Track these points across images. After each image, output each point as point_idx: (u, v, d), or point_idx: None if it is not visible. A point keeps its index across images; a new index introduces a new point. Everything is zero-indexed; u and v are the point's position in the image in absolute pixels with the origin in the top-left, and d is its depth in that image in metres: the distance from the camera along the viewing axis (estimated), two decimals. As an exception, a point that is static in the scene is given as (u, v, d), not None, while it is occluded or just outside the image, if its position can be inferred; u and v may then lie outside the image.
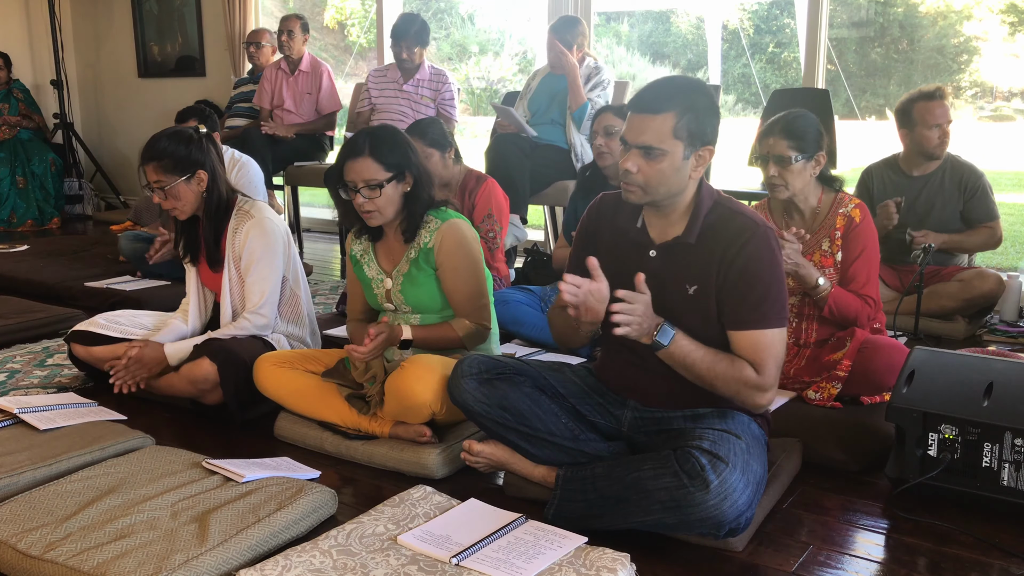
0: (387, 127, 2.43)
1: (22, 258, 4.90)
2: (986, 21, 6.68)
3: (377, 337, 2.25)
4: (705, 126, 1.86)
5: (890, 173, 3.63)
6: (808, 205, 2.64)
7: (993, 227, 3.53)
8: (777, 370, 1.88)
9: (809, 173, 2.58)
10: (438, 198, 2.46)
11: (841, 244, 2.59)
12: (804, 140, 2.54)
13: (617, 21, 7.54)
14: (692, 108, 1.84)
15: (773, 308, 1.86)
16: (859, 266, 2.58)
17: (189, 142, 2.61)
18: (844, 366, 2.51)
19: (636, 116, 1.86)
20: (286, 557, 1.71)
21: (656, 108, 1.84)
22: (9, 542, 1.76)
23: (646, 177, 1.85)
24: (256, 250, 2.65)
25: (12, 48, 6.90)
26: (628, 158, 1.86)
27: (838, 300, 2.54)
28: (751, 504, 1.78)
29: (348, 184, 2.34)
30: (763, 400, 1.89)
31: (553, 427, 2.01)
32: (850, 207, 2.60)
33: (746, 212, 1.92)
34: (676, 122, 1.83)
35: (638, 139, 1.84)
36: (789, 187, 2.57)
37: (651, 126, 1.83)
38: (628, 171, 1.86)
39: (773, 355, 1.86)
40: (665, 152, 1.83)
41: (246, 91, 5.74)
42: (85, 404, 2.62)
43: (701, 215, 1.91)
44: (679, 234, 1.93)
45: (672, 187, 1.88)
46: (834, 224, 2.61)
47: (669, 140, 1.83)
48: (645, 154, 1.84)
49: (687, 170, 1.87)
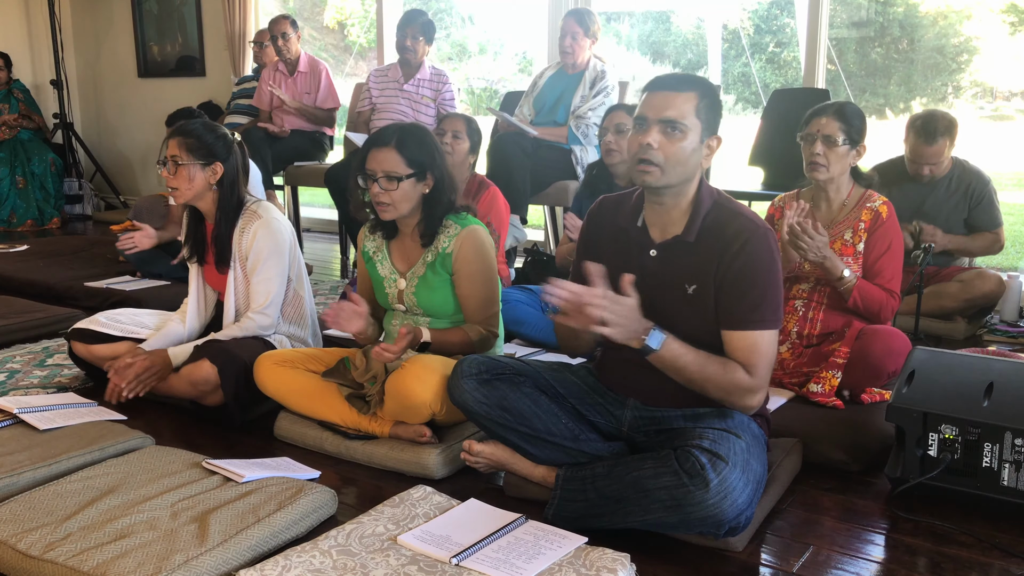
0: (419, 126, 2.44)
1: (22, 258, 4.90)
2: (986, 21, 6.68)
3: (405, 337, 2.25)
4: (716, 115, 1.91)
5: (897, 177, 3.61)
6: (839, 195, 2.71)
7: (997, 234, 3.54)
8: (768, 372, 1.89)
9: (849, 161, 2.66)
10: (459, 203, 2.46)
11: (866, 237, 2.64)
12: (852, 126, 2.63)
13: (617, 21, 7.53)
14: (709, 94, 1.89)
15: (769, 309, 1.87)
16: (885, 262, 2.62)
17: (219, 135, 2.68)
18: (842, 352, 2.53)
19: (659, 93, 1.87)
20: (286, 557, 1.71)
21: (679, 87, 1.87)
22: (9, 542, 1.76)
23: (666, 155, 1.85)
24: (263, 250, 2.66)
25: (12, 48, 6.91)
26: (648, 133, 1.85)
27: (864, 292, 2.57)
28: (751, 503, 1.78)
29: (368, 172, 2.34)
30: (753, 402, 1.88)
31: (553, 427, 2.01)
32: (878, 203, 2.66)
33: (746, 213, 1.92)
34: (698, 102, 1.86)
35: (661, 114, 1.85)
36: (829, 168, 2.64)
37: (675, 102, 1.85)
38: (649, 146, 1.84)
39: (766, 357, 1.87)
40: (687, 129, 1.85)
41: (248, 88, 5.74)
42: (85, 404, 2.62)
43: (701, 214, 1.91)
44: (679, 233, 1.93)
45: (688, 171, 1.88)
46: (859, 216, 2.66)
47: (691, 117, 1.85)
48: (667, 130, 1.85)
49: (699, 157, 1.89)
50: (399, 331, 2.25)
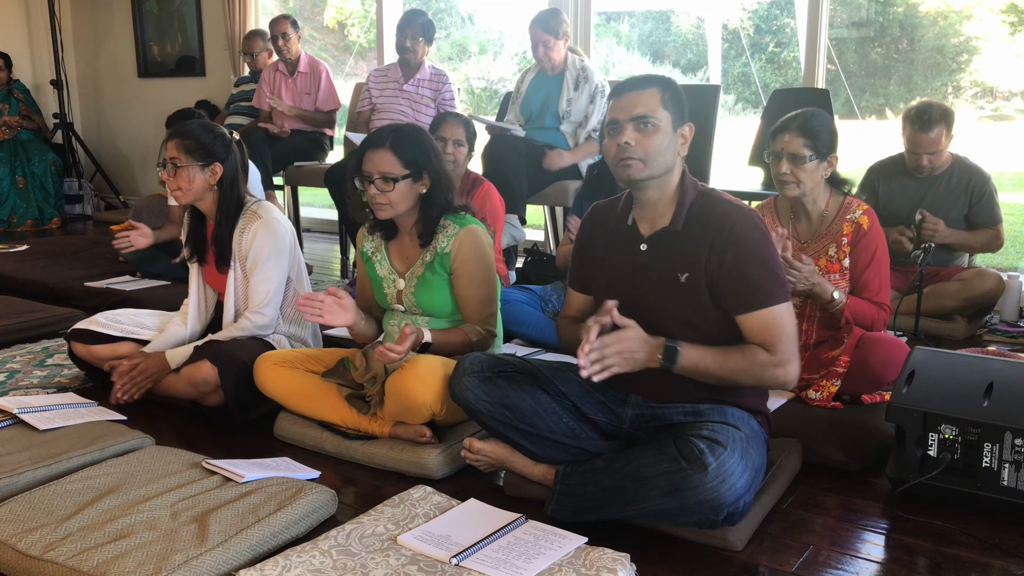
0: (414, 126, 2.44)
1: (22, 258, 4.90)
2: (986, 21, 6.68)
3: (409, 337, 2.25)
4: (682, 105, 1.97)
5: (896, 174, 3.61)
6: (816, 207, 2.63)
7: (997, 230, 3.54)
8: (791, 344, 1.90)
9: (820, 174, 2.57)
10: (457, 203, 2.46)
11: (849, 251, 2.58)
12: (819, 140, 2.54)
13: (617, 21, 7.54)
14: (670, 87, 1.96)
15: (775, 284, 1.89)
16: (871, 274, 2.57)
17: (216, 135, 2.67)
18: (843, 362, 2.52)
19: (624, 95, 1.95)
20: (286, 557, 1.71)
21: (641, 85, 1.96)
22: (9, 542, 1.76)
23: (644, 149, 1.91)
24: (263, 250, 2.66)
25: (12, 48, 6.90)
26: (623, 133, 1.92)
27: (855, 310, 2.54)
28: (749, 488, 1.81)
29: (364, 174, 2.35)
30: (786, 375, 1.90)
31: (554, 425, 2.02)
32: (858, 213, 2.59)
33: (729, 200, 1.97)
34: (662, 95, 1.93)
35: (631, 112, 1.92)
36: (800, 185, 2.57)
37: (641, 99, 1.93)
38: (627, 145, 1.91)
39: (784, 330, 1.89)
40: (659, 121, 1.91)
41: (247, 89, 5.74)
42: (85, 404, 2.62)
43: (687, 204, 1.96)
44: (666, 224, 1.97)
45: (668, 161, 1.94)
46: (841, 230, 2.60)
47: (659, 110, 1.92)
48: (639, 126, 1.91)
49: (675, 147, 1.95)
50: (403, 331, 2.25)
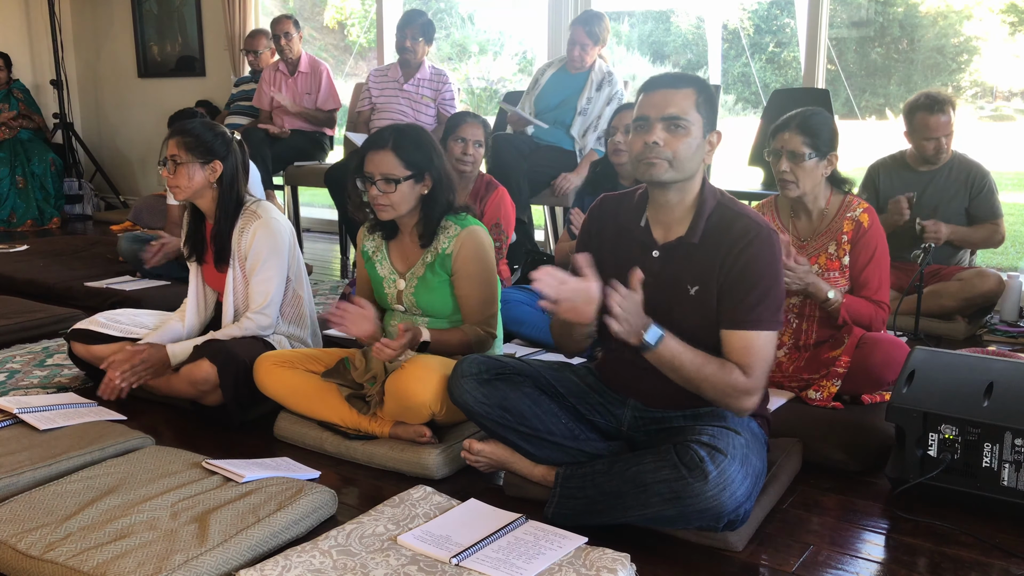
0: (416, 127, 2.43)
1: (22, 258, 4.90)
2: (986, 21, 6.68)
3: (405, 335, 2.24)
4: (714, 111, 1.92)
5: (897, 168, 3.63)
6: (816, 206, 2.63)
7: (997, 224, 3.54)
8: (764, 374, 1.88)
9: (820, 172, 2.57)
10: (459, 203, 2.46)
11: (849, 249, 2.58)
12: (819, 138, 2.53)
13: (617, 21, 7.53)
14: (706, 90, 1.91)
15: (769, 311, 1.86)
16: (870, 272, 2.57)
17: (217, 134, 2.68)
18: (843, 362, 2.52)
19: (658, 92, 1.88)
20: (286, 557, 1.71)
21: (678, 84, 1.88)
22: (9, 542, 1.76)
23: (673, 150, 1.85)
24: (262, 250, 2.66)
25: (12, 48, 6.90)
26: (652, 131, 1.86)
27: (851, 309, 2.54)
28: (750, 496, 1.79)
29: (366, 175, 2.34)
30: (747, 405, 1.87)
31: (553, 427, 2.01)
32: (858, 211, 2.58)
33: (749, 214, 1.92)
34: (697, 97, 1.87)
35: (664, 111, 1.86)
36: (800, 184, 2.56)
37: (675, 99, 1.86)
38: (655, 144, 1.85)
39: (763, 358, 1.86)
40: (690, 124, 1.86)
41: (247, 89, 5.74)
42: (85, 404, 2.61)
43: (705, 214, 1.91)
44: (682, 234, 1.93)
45: (693, 166, 1.89)
46: (841, 228, 2.59)
47: (692, 112, 1.86)
48: (671, 127, 1.85)
49: (702, 153, 1.90)
50: (398, 328, 2.25)
